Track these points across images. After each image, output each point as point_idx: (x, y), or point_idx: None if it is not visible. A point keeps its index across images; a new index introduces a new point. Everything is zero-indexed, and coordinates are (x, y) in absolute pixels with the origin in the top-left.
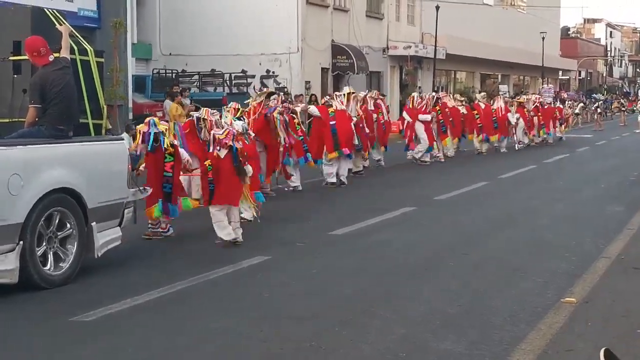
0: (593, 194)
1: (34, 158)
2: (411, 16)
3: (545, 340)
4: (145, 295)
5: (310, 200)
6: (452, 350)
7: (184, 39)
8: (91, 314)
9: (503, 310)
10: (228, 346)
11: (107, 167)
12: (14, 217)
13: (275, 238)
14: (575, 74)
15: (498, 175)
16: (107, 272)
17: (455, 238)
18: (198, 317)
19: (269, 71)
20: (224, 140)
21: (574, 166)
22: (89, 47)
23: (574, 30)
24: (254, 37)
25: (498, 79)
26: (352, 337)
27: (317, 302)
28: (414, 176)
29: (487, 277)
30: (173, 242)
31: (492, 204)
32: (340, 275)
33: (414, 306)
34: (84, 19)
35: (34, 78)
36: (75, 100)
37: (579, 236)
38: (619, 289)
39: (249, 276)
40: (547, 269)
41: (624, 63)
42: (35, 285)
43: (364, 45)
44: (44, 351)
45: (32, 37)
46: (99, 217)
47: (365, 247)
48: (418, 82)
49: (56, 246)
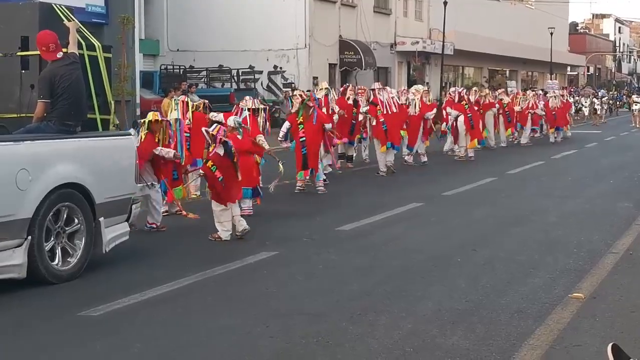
0: (601, 190)
1: (42, 153)
2: (419, 12)
3: (552, 335)
4: (153, 291)
5: (317, 196)
6: (460, 346)
7: (192, 34)
8: (99, 309)
9: (511, 306)
10: (235, 342)
11: (115, 163)
12: (22, 212)
13: (282, 234)
14: (584, 69)
15: (506, 171)
16: (115, 267)
17: (464, 234)
18: (205, 313)
19: (276, 67)
20: (218, 136)
21: (582, 162)
22: (97, 43)
23: (583, 26)
24: (261, 33)
25: (506, 74)
26: (359, 333)
27: (324, 298)
28: (421, 172)
29: (496, 273)
30: (179, 238)
31: (500, 200)
32: (348, 271)
33: (422, 302)
34: (91, 15)
35: (43, 73)
36: (84, 96)
37: (587, 232)
38: (626, 284)
39: (256, 272)
40: (555, 265)
41: (632, 58)
42: (43, 280)
43: (372, 41)
44: (52, 346)
45: (44, 31)
46: (107, 213)
47: (373, 243)
48: (426, 77)
49: (64, 241)
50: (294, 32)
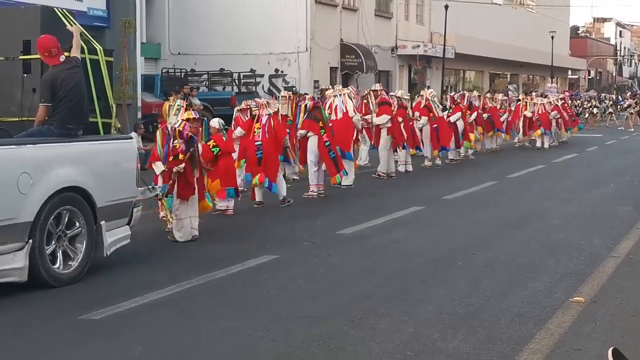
0: (602, 194)
1: (44, 157)
2: (420, 15)
3: (553, 339)
4: (154, 294)
5: (318, 199)
6: (461, 350)
7: (193, 38)
8: (100, 312)
9: (512, 310)
10: (236, 345)
11: (116, 166)
12: (23, 216)
13: (283, 237)
14: (585, 73)
15: (506, 174)
16: (116, 270)
17: (465, 238)
18: (206, 315)
19: (277, 70)
20: (184, 132)
21: (583, 166)
22: (98, 46)
23: (584, 30)
24: (262, 37)
25: (507, 78)
26: (360, 337)
27: (325, 302)
28: (422, 176)
29: (497, 277)
30: (180, 242)
31: (500, 204)
32: (349, 275)
33: (423, 306)
34: (93, 19)
35: (45, 76)
36: (86, 99)
37: (588, 236)
38: (627, 288)
39: (257, 275)
40: (556, 269)
41: (633, 62)
42: (44, 284)
43: (373, 45)
44: (53, 348)
45: (45, 36)
46: (108, 216)
47: (374, 246)
48: (427, 81)
49: (65, 245)
50: (295, 36)
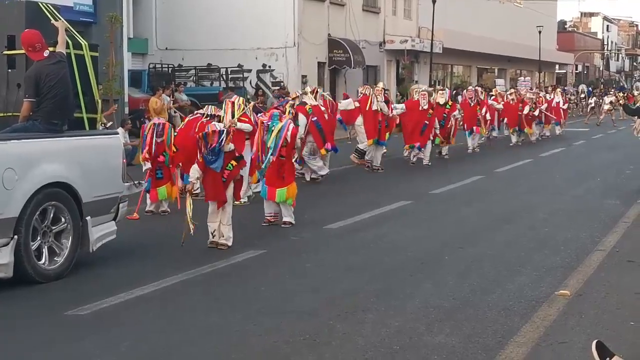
0: (589, 188)
1: (29, 152)
2: (408, 10)
3: (539, 332)
4: (140, 290)
5: (305, 194)
6: (446, 343)
7: (180, 33)
8: (86, 307)
9: (498, 303)
10: (223, 340)
11: (102, 162)
12: (8, 211)
13: (270, 232)
14: (572, 67)
15: (494, 169)
16: (102, 266)
17: (452, 232)
18: (193, 311)
19: (265, 65)
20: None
21: (570, 160)
22: (83, 41)
23: (571, 24)
24: (250, 32)
25: (495, 72)
26: (346, 331)
27: (312, 296)
28: (409, 170)
29: (483, 271)
30: (167, 237)
31: (488, 198)
32: (336, 269)
33: (410, 300)
34: (79, 14)
35: (29, 72)
36: (70, 95)
37: (574, 229)
38: (612, 281)
39: (244, 270)
40: (542, 263)
41: (620, 57)
42: (29, 280)
43: (361, 40)
44: (40, 345)
45: (29, 31)
46: (94, 212)
47: (361, 241)
48: (415, 76)
49: (51, 240)
50: (283, 31)
